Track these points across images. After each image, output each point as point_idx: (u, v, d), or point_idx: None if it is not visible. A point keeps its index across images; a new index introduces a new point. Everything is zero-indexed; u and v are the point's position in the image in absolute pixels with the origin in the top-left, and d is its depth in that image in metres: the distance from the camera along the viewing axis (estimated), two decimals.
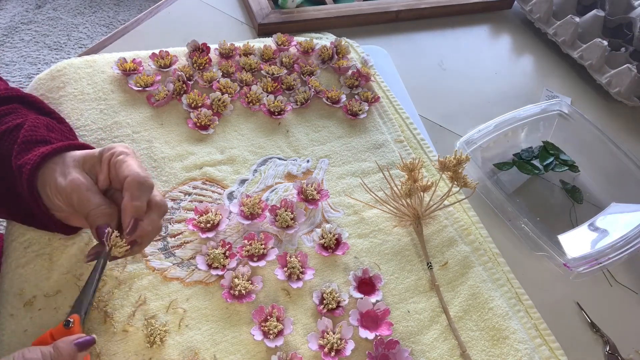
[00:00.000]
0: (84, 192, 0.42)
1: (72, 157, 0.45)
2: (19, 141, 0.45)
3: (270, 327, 0.48)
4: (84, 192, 0.42)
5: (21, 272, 0.49)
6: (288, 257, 0.53)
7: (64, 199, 0.43)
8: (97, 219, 0.42)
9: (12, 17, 1.95)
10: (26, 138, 0.46)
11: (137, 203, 0.42)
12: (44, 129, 0.48)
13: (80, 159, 0.45)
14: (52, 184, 0.43)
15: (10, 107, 0.49)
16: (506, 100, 0.81)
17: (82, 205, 0.42)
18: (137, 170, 0.43)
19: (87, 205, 0.42)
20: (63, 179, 0.43)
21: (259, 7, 0.81)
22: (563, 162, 0.71)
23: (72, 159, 0.45)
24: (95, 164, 0.45)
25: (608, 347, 0.56)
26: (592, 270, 0.58)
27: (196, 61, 0.68)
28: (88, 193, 0.43)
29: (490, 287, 0.55)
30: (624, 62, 0.84)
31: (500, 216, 0.64)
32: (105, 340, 0.46)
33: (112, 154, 0.44)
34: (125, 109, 0.63)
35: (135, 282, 0.50)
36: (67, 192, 0.42)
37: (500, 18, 0.98)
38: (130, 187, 0.42)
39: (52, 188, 0.43)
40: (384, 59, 0.82)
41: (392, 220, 0.60)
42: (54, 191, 0.43)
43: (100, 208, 0.43)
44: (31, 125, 0.47)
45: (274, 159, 0.63)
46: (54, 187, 0.43)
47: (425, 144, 0.70)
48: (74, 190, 0.42)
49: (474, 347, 0.51)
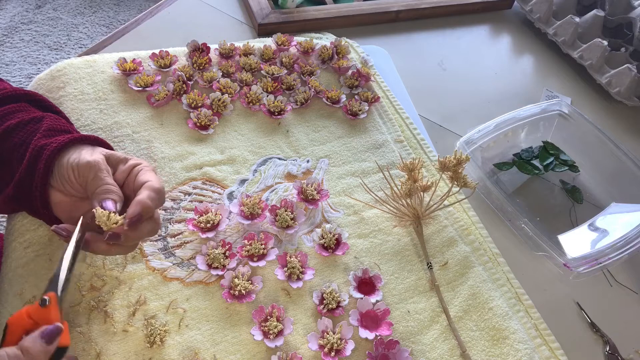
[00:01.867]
0: (103, 171, 0.44)
1: (101, 149, 0.47)
2: (43, 128, 0.47)
3: (270, 327, 0.48)
4: (102, 171, 0.44)
5: (21, 272, 0.49)
6: (288, 257, 0.53)
7: (78, 174, 0.44)
8: (107, 194, 0.43)
9: (12, 17, 1.95)
10: (51, 126, 0.47)
11: (149, 202, 0.43)
12: (66, 122, 0.50)
13: (107, 154, 0.47)
14: (73, 159, 0.44)
15: (20, 105, 0.50)
16: (506, 100, 0.81)
17: (95, 182, 0.44)
18: (156, 180, 0.45)
19: (100, 182, 0.44)
20: (89, 156, 0.45)
21: (259, 7, 0.81)
22: (563, 162, 0.71)
23: (100, 149, 0.47)
24: (119, 164, 0.47)
25: (608, 347, 0.56)
26: (592, 270, 0.58)
27: (196, 61, 0.68)
28: (105, 173, 0.44)
29: (490, 287, 0.55)
30: (624, 62, 0.84)
31: (500, 216, 0.64)
32: (105, 340, 0.46)
33: (137, 163, 0.46)
34: (125, 109, 0.63)
35: (135, 282, 0.50)
36: (87, 167, 0.44)
37: (500, 18, 0.98)
38: (150, 189, 0.43)
39: (72, 162, 0.44)
40: (384, 59, 0.82)
41: (392, 220, 0.60)
42: (74, 165, 0.44)
43: (112, 185, 0.44)
44: (54, 117, 0.49)
45: (274, 159, 0.63)
46: (75, 161, 0.44)
47: (425, 144, 0.70)
48: (93, 167, 0.44)
49: (474, 347, 0.51)
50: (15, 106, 0.49)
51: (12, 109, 0.49)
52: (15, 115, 0.48)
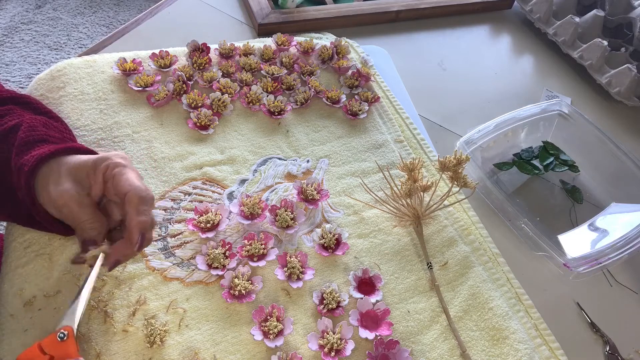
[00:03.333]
0: (74, 206, 0.42)
1: (67, 164, 0.44)
2: (17, 143, 0.45)
3: (270, 327, 0.48)
4: (73, 207, 0.42)
5: (21, 272, 0.49)
6: (288, 257, 0.53)
7: (55, 209, 0.43)
8: (84, 232, 0.43)
9: (12, 17, 1.95)
10: (25, 139, 0.45)
11: (142, 218, 0.42)
12: (41, 128, 0.47)
13: (73, 168, 0.44)
14: (46, 192, 0.43)
15: (5, 109, 0.49)
16: (506, 100, 0.81)
17: (72, 219, 0.43)
18: (137, 184, 0.42)
19: (76, 219, 0.43)
20: (54, 188, 0.42)
21: (259, 7, 0.81)
22: (563, 162, 0.71)
23: (66, 166, 0.44)
24: (90, 173, 0.44)
25: (608, 347, 0.56)
26: (592, 270, 0.58)
27: (196, 61, 0.68)
28: (77, 207, 0.42)
29: (490, 287, 0.55)
30: (624, 62, 0.84)
31: (500, 216, 0.64)
32: (105, 340, 0.46)
33: (107, 165, 0.43)
34: (125, 109, 0.63)
35: (135, 282, 0.50)
36: (58, 203, 0.42)
37: (500, 18, 0.98)
38: (133, 202, 0.42)
39: (45, 196, 0.43)
40: (384, 59, 0.82)
41: (392, 220, 0.60)
42: (47, 199, 0.43)
43: (88, 222, 0.43)
44: (29, 125, 0.46)
45: (274, 159, 0.63)
46: (47, 195, 0.43)
47: (425, 144, 0.70)
48: (64, 205, 0.42)
49: (474, 347, 0.51)
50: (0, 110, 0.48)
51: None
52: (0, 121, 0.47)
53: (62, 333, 0.38)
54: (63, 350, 0.38)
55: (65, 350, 0.38)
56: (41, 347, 0.38)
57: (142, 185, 0.43)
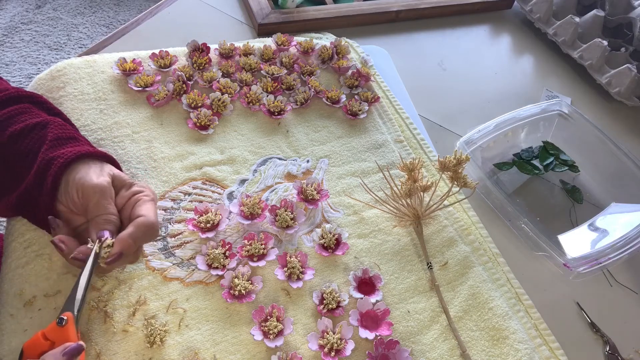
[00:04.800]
0: (106, 197, 0.45)
1: (110, 169, 0.47)
2: (49, 138, 0.47)
3: (270, 327, 0.48)
4: (106, 198, 0.45)
5: (21, 272, 0.49)
6: (288, 257, 0.53)
7: (82, 195, 0.44)
8: (105, 224, 0.44)
9: (12, 17, 1.95)
10: (57, 135, 0.47)
11: (131, 241, 0.43)
12: (71, 128, 0.50)
13: (116, 175, 0.47)
14: (79, 178, 0.44)
15: (22, 107, 0.50)
16: (506, 100, 0.81)
17: (97, 208, 0.44)
18: (153, 216, 0.45)
19: (102, 209, 0.44)
20: (96, 177, 0.45)
21: (259, 7, 0.81)
22: (563, 162, 0.71)
23: (108, 169, 0.47)
24: (123, 187, 0.47)
25: (608, 347, 0.56)
26: (592, 270, 0.58)
27: (196, 61, 0.68)
28: (109, 200, 0.45)
29: (490, 287, 0.55)
30: (624, 62, 0.84)
31: (500, 216, 0.64)
32: (105, 340, 0.46)
33: (139, 191, 0.47)
34: (125, 109, 0.63)
35: (135, 282, 0.50)
36: (92, 190, 0.44)
37: (500, 18, 0.98)
38: (138, 226, 0.43)
39: (78, 182, 0.44)
40: (384, 59, 0.82)
41: (392, 220, 0.60)
42: (79, 185, 0.44)
43: (112, 215, 0.45)
44: (59, 123, 0.49)
45: (274, 159, 0.63)
46: (81, 181, 0.44)
47: (425, 144, 0.70)
48: (97, 192, 0.44)
49: (474, 347, 0.51)
50: (18, 108, 0.49)
51: (15, 111, 0.48)
52: (19, 118, 0.48)
53: (61, 318, 0.39)
54: (63, 335, 0.38)
55: (65, 335, 0.38)
56: (44, 334, 0.38)
57: (156, 219, 0.45)
